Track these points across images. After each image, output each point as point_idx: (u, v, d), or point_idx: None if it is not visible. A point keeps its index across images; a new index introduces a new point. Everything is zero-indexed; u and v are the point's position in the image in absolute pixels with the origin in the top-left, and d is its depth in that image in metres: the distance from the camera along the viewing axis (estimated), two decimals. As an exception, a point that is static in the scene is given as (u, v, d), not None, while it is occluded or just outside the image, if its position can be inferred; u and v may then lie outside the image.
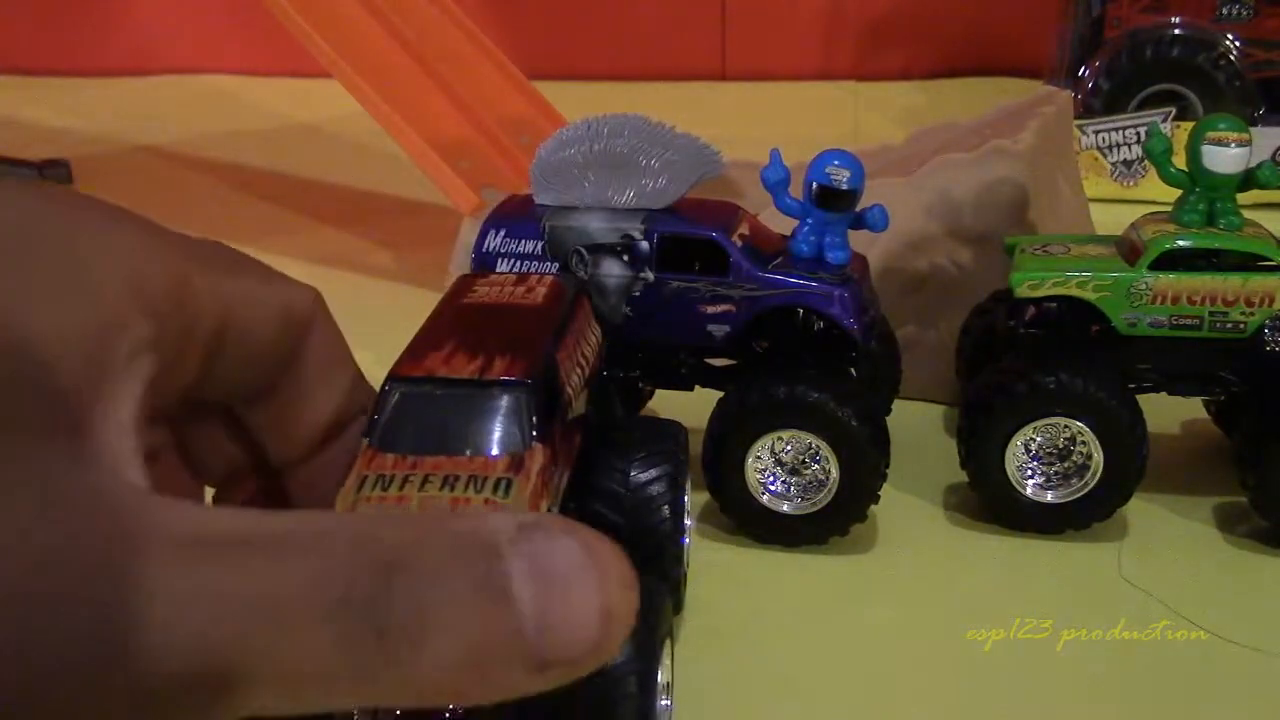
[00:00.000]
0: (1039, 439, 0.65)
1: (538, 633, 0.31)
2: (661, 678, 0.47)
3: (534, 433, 0.46)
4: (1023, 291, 0.67)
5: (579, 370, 0.53)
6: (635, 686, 0.44)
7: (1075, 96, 1.13)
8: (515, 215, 0.67)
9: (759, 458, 0.64)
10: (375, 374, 0.50)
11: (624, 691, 0.44)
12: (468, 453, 0.45)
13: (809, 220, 0.66)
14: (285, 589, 0.29)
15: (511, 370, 0.47)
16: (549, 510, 0.46)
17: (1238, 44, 1.16)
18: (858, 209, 0.65)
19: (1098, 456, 0.64)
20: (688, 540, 0.60)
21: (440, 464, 0.45)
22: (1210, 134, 0.65)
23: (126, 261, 0.36)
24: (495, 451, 0.45)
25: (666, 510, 0.55)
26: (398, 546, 0.31)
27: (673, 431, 0.59)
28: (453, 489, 0.44)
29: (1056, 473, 0.66)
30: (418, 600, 0.30)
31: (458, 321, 0.54)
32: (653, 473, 0.56)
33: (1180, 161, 0.66)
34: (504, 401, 0.47)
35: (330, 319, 0.45)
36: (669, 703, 0.49)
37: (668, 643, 0.48)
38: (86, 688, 0.27)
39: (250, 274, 0.43)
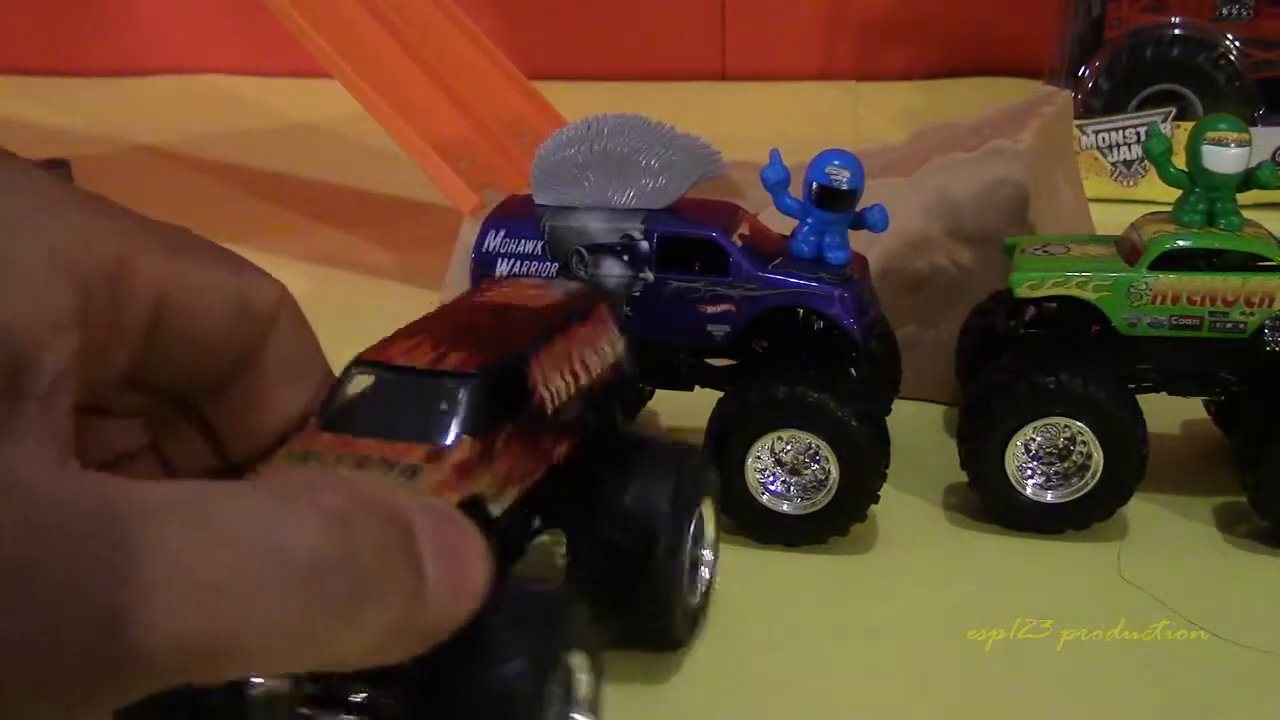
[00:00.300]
0: (1039, 439, 0.65)
1: (433, 609, 0.35)
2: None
3: (469, 427, 0.46)
4: (1023, 291, 0.67)
5: (571, 377, 0.52)
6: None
7: (1075, 96, 1.13)
8: (515, 215, 0.67)
9: (759, 458, 0.64)
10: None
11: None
12: (396, 438, 0.46)
13: (809, 220, 0.66)
14: (251, 562, 0.31)
15: (465, 364, 0.47)
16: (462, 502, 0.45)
17: (1238, 44, 1.16)
18: (858, 209, 0.65)
19: (1098, 456, 0.64)
20: (706, 571, 0.58)
21: (366, 446, 0.45)
22: (1210, 134, 0.65)
23: (60, 238, 0.37)
24: (420, 439, 0.45)
25: (660, 534, 0.53)
26: (341, 516, 0.33)
27: (679, 454, 0.56)
28: (360, 468, 0.44)
29: (1056, 473, 0.66)
30: (364, 574, 0.33)
31: (447, 316, 0.54)
32: (647, 493, 0.53)
33: (1180, 161, 0.66)
34: (446, 392, 0.47)
35: (300, 318, 0.46)
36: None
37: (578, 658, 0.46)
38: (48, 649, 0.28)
39: (202, 260, 0.42)
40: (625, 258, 0.65)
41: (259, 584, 0.31)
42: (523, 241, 0.66)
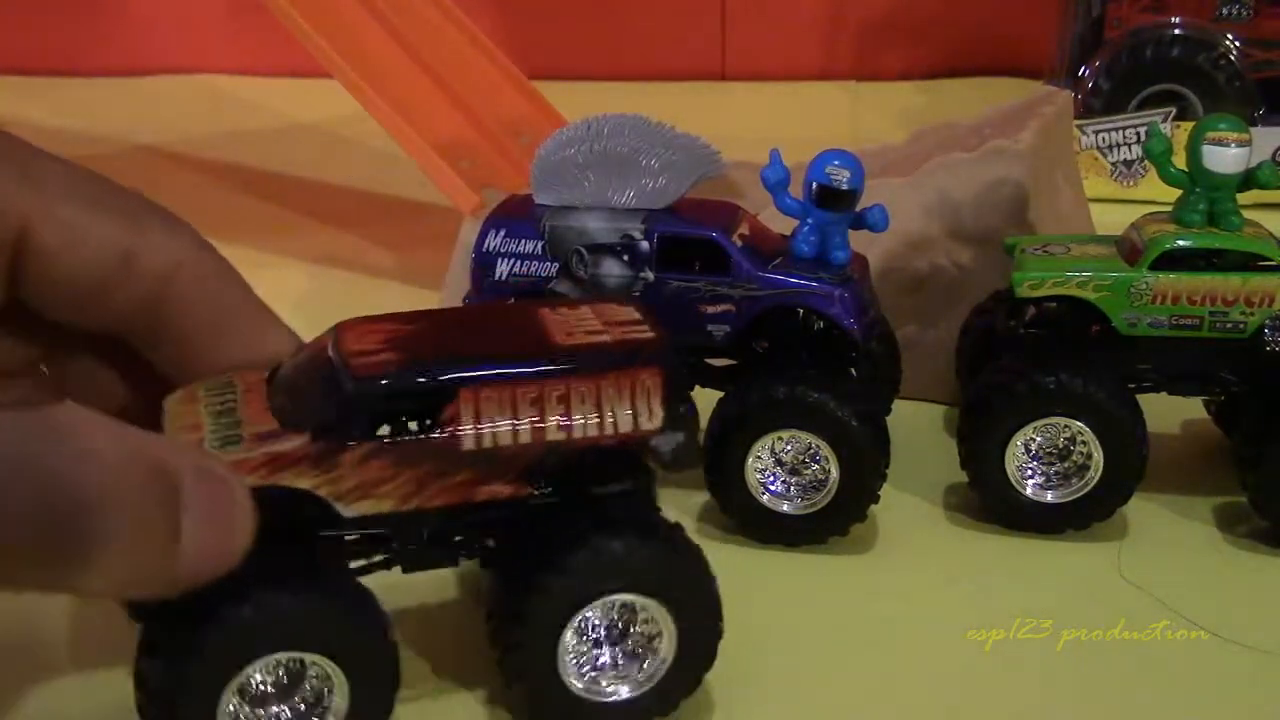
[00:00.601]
0: (1039, 439, 0.65)
1: (184, 564, 0.39)
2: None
3: (315, 427, 0.46)
4: (1023, 291, 0.67)
5: (531, 425, 0.49)
6: None
7: (1075, 96, 1.13)
8: (515, 215, 0.67)
9: (759, 458, 0.64)
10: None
11: None
12: (272, 407, 0.48)
13: (809, 220, 0.66)
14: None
15: (375, 370, 0.47)
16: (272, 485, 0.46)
17: (1238, 44, 1.16)
18: (858, 209, 0.65)
19: (1098, 456, 0.64)
20: (605, 682, 0.52)
21: (249, 404, 0.48)
22: (1210, 134, 0.65)
23: None
24: (279, 416, 0.47)
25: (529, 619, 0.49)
26: (110, 465, 0.36)
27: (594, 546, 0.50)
28: (216, 418, 0.47)
29: (1056, 473, 0.66)
30: (113, 517, 0.36)
31: (457, 316, 0.55)
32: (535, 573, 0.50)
33: (1180, 161, 0.66)
34: (325, 388, 0.48)
35: (226, 275, 0.49)
36: None
37: None
38: None
39: (84, 207, 0.46)
40: (625, 258, 0.65)
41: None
42: (523, 241, 0.66)
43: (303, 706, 0.48)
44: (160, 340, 0.49)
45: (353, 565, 0.50)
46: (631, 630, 0.51)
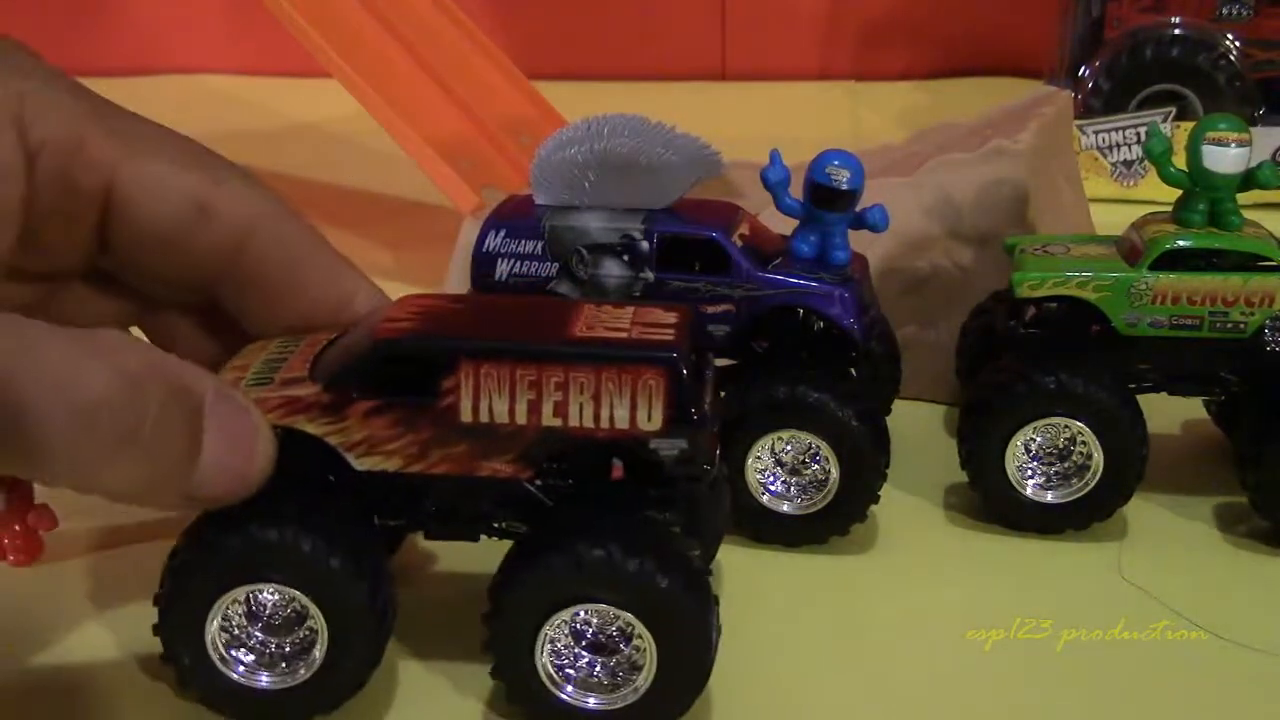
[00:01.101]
0: (1039, 439, 0.65)
1: (203, 479, 0.42)
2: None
3: (327, 379, 0.50)
4: (1023, 291, 0.67)
5: (529, 408, 0.50)
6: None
7: (1075, 96, 1.13)
8: (515, 215, 0.67)
9: (759, 458, 0.64)
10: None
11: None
12: (312, 363, 0.52)
13: (809, 220, 0.66)
14: (39, 387, 0.39)
15: (392, 334, 0.50)
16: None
17: (1238, 44, 1.16)
18: (858, 209, 0.65)
19: (1098, 456, 0.64)
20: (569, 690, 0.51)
21: (296, 354, 0.52)
22: (1210, 134, 0.65)
23: (12, 101, 0.43)
24: (310, 370, 0.51)
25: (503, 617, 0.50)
26: (135, 377, 0.40)
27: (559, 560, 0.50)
28: (265, 361, 0.52)
29: (1056, 473, 0.66)
30: (137, 426, 0.40)
31: (505, 301, 0.60)
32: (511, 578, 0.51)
33: (1180, 161, 0.66)
34: (351, 345, 0.52)
35: (302, 228, 0.53)
36: None
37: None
38: None
39: (164, 157, 0.49)
40: (625, 258, 0.65)
41: (41, 407, 0.37)
42: (523, 241, 0.66)
43: (287, 649, 0.51)
44: (242, 292, 0.52)
45: (376, 523, 0.53)
46: (624, 647, 0.51)
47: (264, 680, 0.50)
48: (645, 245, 0.65)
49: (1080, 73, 1.19)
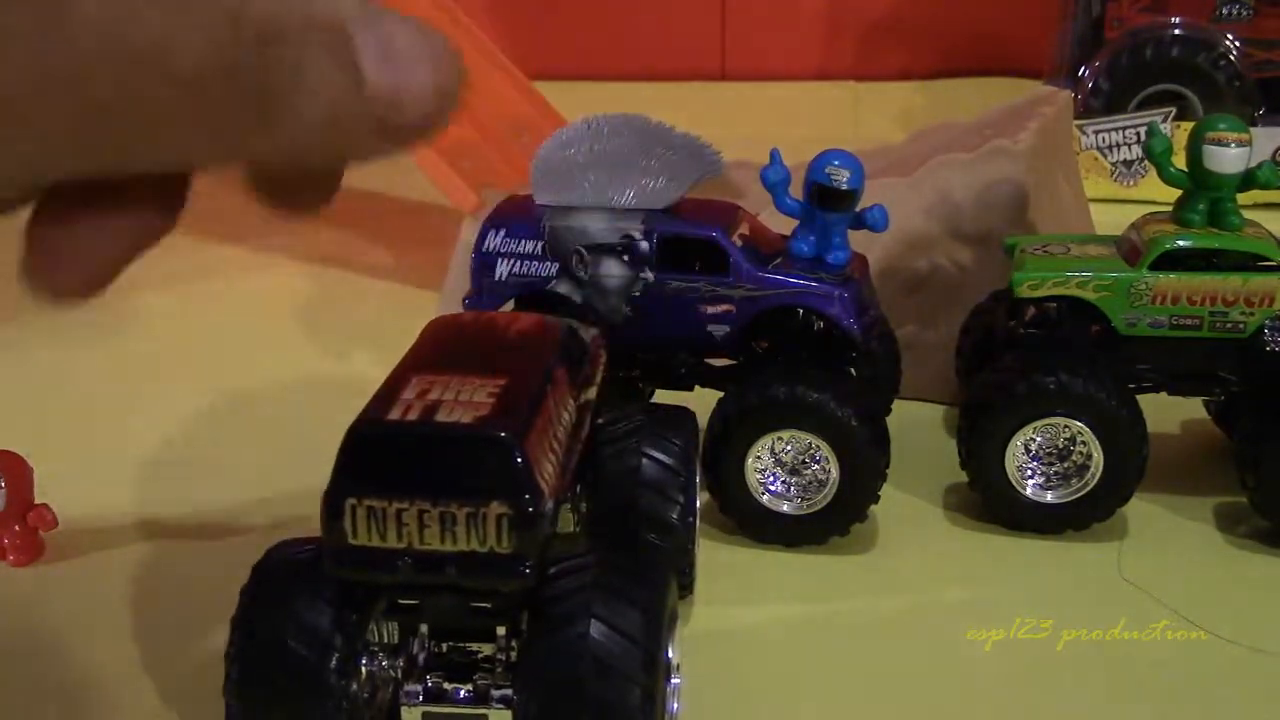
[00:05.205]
0: (1039, 439, 0.65)
1: (383, 102, 0.35)
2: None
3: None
4: (1023, 291, 0.67)
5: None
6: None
7: (1075, 96, 1.13)
8: (515, 215, 0.67)
9: (759, 458, 0.64)
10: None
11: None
12: None
13: (809, 220, 0.66)
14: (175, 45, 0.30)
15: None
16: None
17: (1238, 44, 1.16)
18: (858, 209, 0.65)
19: (1098, 456, 0.64)
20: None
21: None
22: (1210, 134, 0.65)
23: None
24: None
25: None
26: (265, 19, 0.32)
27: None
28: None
29: (1056, 473, 0.65)
30: (287, 67, 0.33)
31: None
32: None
33: (1180, 161, 0.66)
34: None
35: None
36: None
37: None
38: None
39: None
40: (625, 258, 0.65)
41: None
42: (523, 241, 0.66)
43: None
44: None
45: None
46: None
47: None
48: (645, 245, 0.65)
49: (1080, 73, 1.19)
